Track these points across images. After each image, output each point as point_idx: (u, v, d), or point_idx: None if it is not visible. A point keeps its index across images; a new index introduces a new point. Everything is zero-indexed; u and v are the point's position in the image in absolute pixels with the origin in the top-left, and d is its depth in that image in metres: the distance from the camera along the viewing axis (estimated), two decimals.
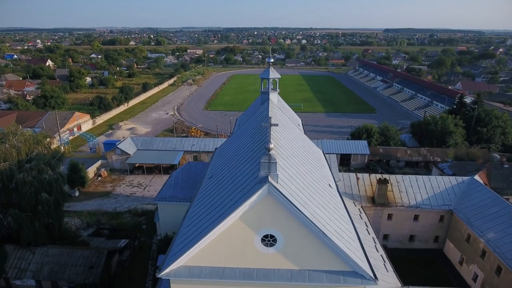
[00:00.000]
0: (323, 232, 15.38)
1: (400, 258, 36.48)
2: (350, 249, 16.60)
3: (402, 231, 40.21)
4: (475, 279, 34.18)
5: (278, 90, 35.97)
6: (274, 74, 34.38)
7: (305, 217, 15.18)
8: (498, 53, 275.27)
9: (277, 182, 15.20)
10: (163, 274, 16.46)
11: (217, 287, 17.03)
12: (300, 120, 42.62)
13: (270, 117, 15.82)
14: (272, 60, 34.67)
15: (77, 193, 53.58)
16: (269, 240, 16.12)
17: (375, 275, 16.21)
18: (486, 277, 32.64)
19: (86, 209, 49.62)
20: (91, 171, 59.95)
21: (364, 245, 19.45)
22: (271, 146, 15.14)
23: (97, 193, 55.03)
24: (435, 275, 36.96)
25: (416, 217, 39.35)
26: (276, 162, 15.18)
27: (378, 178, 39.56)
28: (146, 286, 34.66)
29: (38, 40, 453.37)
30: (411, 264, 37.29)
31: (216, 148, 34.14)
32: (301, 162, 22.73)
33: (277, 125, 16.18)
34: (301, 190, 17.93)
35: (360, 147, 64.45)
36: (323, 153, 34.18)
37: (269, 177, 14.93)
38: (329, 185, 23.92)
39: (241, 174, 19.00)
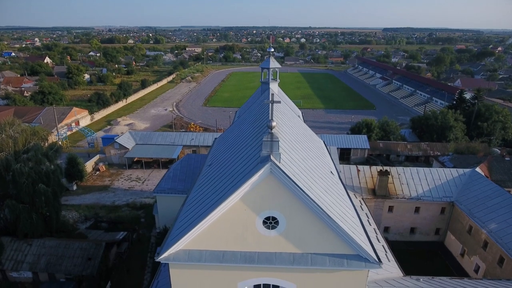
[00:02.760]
0: (327, 214, 14.98)
1: (401, 250, 36.24)
2: (354, 232, 16.23)
3: (403, 224, 39.92)
4: (476, 270, 33.94)
5: (278, 80, 35.54)
6: (274, 63, 33.95)
7: (308, 197, 14.77)
8: (497, 51, 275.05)
9: (279, 162, 14.79)
10: (161, 258, 16.05)
11: (218, 272, 16.66)
12: (300, 112, 42.23)
13: (272, 94, 15.41)
14: (272, 50, 34.21)
15: (75, 187, 53.09)
16: (271, 222, 15.71)
17: (379, 259, 15.83)
18: (488, 268, 32.39)
19: (84, 202, 49.16)
20: (89, 165, 59.47)
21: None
22: (273, 124, 14.72)
23: (95, 187, 54.56)
24: (436, 267, 36.69)
25: (417, 209, 39.08)
26: (278, 141, 14.75)
27: (379, 170, 39.26)
28: (145, 278, 34.30)
29: (36, 39, 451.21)
30: (412, 256, 37.05)
31: (215, 138, 33.72)
32: (302, 148, 22.34)
33: (279, 102, 15.77)
34: (304, 173, 17.53)
35: (360, 142, 64.12)
36: (324, 143, 33.80)
37: (271, 156, 14.52)
38: (331, 172, 23.55)
39: (242, 158, 18.59)
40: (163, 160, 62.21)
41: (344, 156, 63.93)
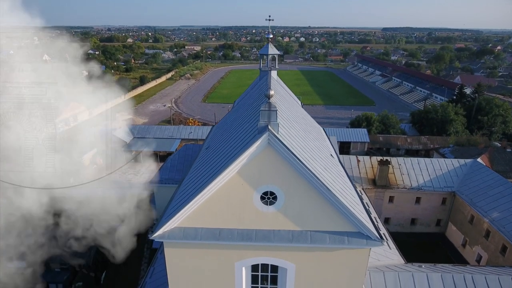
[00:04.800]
0: (327, 187, 14.42)
1: (402, 241, 35.50)
2: (355, 208, 15.67)
3: (403, 214, 39.41)
4: (478, 260, 33.45)
5: (277, 67, 34.90)
6: (273, 50, 33.29)
7: (308, 170, 14.19)
8: (496, 50, 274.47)
9: (278, 133, 14.23)
10: (156, 235, 15.49)
11: (214, 251, 16.08)
12: (300, 102, 41.70)
13: (271, 60, 14.86)
14: (271, 36, 33.45)
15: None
16: (269, 197, 15.14)
17: (380, 236, 15.28)
18: (490, 257, 31.90)
19: None
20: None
21: None
22: (271, 92, 14.15)
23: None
24: (437, 257, 36.16)
25: (418, 200, 38.60)
26: (276, 111, 14.16)
27: (379, 160, 38.77)
28: (141, 268, 33.77)
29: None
30: (413, 247, 36.38)
31: (213, 126, 33.16)
32: (302, 129, 21.80)
33: (277, 69, 15.24)
34: (303, 149, 16.98)
35: (360, 135, 63.61)
36: (324, 130, 33.30)
37: (269, 126, 13.95)
38: (331, 155, 23.02)
39: (239, 134, 18.04)
40: (161, 153, 61.61)
41: (344, 149, 63.31)
